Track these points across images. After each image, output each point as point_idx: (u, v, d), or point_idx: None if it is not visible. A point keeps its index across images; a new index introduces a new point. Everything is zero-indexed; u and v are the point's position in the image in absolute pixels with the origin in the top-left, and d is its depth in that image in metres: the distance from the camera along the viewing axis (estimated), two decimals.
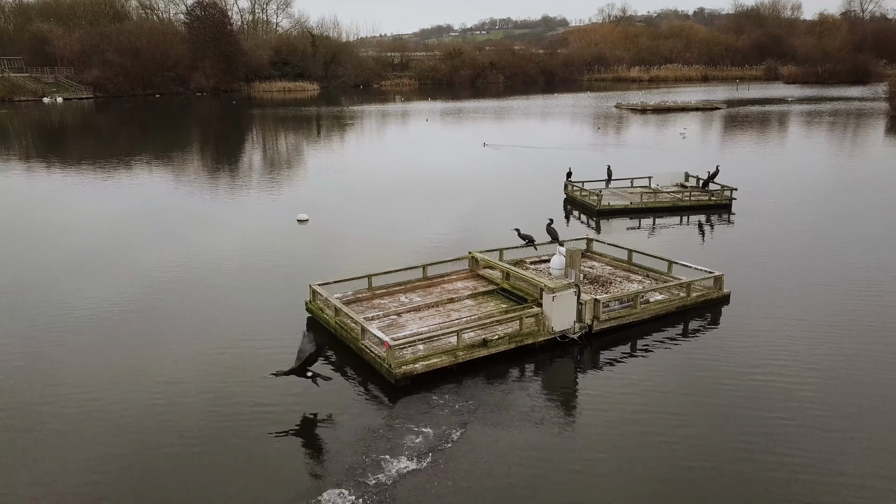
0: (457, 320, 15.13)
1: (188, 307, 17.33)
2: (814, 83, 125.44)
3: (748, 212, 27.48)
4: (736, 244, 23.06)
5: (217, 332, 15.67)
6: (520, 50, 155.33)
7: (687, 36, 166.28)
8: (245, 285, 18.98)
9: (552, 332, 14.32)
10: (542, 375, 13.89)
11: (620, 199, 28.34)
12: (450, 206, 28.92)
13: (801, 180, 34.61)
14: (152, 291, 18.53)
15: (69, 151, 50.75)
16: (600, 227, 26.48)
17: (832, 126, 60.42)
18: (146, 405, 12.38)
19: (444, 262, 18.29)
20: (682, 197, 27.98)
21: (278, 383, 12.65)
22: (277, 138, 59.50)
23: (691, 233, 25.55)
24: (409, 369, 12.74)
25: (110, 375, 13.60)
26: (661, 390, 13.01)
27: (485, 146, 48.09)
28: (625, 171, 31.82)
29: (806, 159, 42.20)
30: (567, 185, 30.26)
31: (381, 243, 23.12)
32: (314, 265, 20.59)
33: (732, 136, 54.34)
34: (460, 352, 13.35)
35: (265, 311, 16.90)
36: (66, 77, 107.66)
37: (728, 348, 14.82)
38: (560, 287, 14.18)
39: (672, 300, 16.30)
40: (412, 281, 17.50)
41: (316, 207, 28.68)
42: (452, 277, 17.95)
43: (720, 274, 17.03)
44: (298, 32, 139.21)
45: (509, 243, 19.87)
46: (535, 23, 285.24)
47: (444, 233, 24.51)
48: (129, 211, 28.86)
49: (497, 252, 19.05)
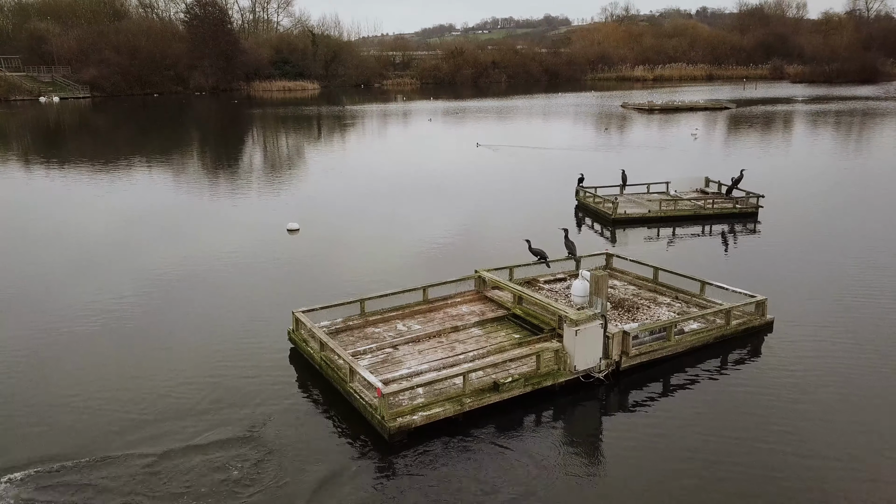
0: (462, 355, 13.03)
1: (156, 336, 15.23)
2: (821, 82, 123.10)
3: (776, 220, 25.37)
4: (768, 258, 20.90)
5: (187, 367, 13.58)
6: (522, 49, 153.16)
7: (691, 35, 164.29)
8: (224, 307, 16.89)
9: (574, 372, 12.23)
10: (564, 423, 11.82)
11: (638, 206, 26.21)
12: (453, 213, 26.81)
13: (828, 184, 32.48)
14: (118, 312, 16.44)
15: (61, 152, 48.55)
16: (616, 237, 24.39)
17: (852, 126, 58.22)
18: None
19: (446, 282, 16.12)
20: (703, 204, 25.81)
21: (239, 437, 10.68)
22: (275, 139, 57.42)
23: (716, 245, 23.42)
24: (405, 422, 10.65)
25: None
26: (700, 436, 11.10)
27: (478, 146, 46.16)
28: (638, 175, 29.63)
29: (830, 162, 40.03)
30: (579, 190, 28.13)
31: (377, 258, 21.02)
32: (301, 284, 18.52)
33: (746, 137, 52.13)
34: (467, 398, 11.26)
35: (243, 341, 14.81)
36: (63, 76, 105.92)
37: (774, 385, 12.79)
38: (584, 318, 12.09)
39: (710, 329, 14.20)
40: (411, 305, 15.39)
41: (309, 215, 26.66)
42: (457, 300, 15.85)
43: (763, 298, 14.91)
44: (299, 31, 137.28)
45: (519, 258, 17.78)
46: (537, 22, 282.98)
47: (446, 244, 22.45)
48: (113, 218, 26.77)
49: (506, 270, 16.96)
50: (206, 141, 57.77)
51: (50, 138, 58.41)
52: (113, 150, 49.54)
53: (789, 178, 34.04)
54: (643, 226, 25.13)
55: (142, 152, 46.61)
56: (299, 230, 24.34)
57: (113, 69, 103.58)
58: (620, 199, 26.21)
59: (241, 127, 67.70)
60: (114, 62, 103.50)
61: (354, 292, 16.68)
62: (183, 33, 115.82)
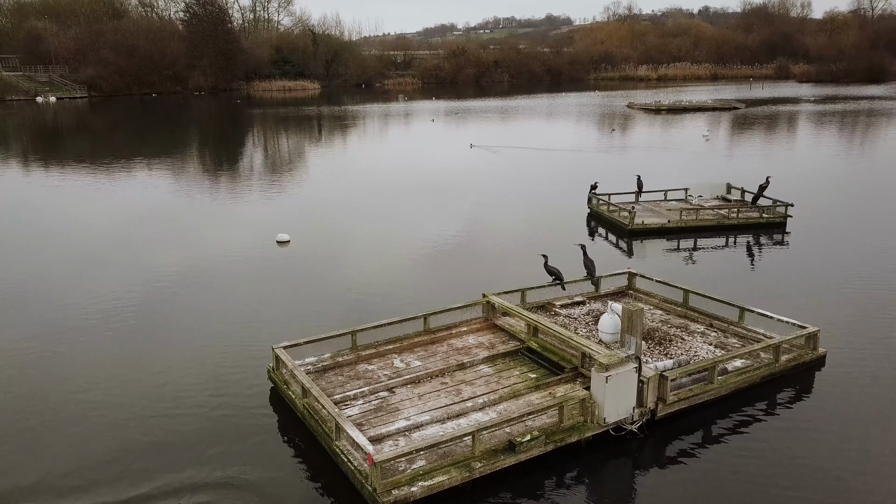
0: (470, 401, 11.11)
1: (129, 362, 13.31)
2: (828, 82, 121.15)
3: (807, 231, 23.42)
4: (805, 276, 18.92)
5: (153, 402, 11.69)
6: (525, 48, 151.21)
7: (695, 34, 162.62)
8: (202, 333, 15.00)
9: (604, 424, 10.31)
10: (591, 485, 9.94)
11: (656, 216, 24.25)
12: (456, 224, 24.85)
13: (859, 191, 30.46)
14: (84, 338, 14.52)
15: (52, 154, 46.62)
16: (632, 249, 22.47)
17: (872, 127, 56.16)
18: None
19: (451, 309, 14.09)
20: (727, 214, 23.82)
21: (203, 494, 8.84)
22: (272, 142, 55.47)
23: (744, 260, 21.41)
24: (402, 495, 8.74)
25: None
26: (749, 493, 9.43)
27: (472, 147, 44.54)
28: (652, 180, 27.59)
29: (856, 166, 38.04)
30: (591, 198, 26.18)
31: (373, 275, 19.07)
32: (288, 307, 16.59)
33: (760, 139, 50.12)
34: (477, 462, 9.34)
35: (221, 374, 12.91)
36: (60, 76, 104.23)
37: (831, 431, 10.99)
38: (616, 362, 10.17)
39: (757, 368, 12.26)
40: (410, 335, 13.44)
41: (301, 224, 24.83)
42: (462, 329, 13.91)
43: (815, 330, 12.97)
44: (300, 31, 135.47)
45: (531, 277, 15.87)
46: (538, 21, 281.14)
47: (449, 259, 20.54)
48: (96, 227, 24.88)
49: (518, 293, 15.00)
50: (202, 143, 55.85)
51: (39, 141, 56.46)
52: (106, 151, 47.50)
53: (816, 184, 31.89)
54: (662, 237, 23.17)
55: (134, 155, 44.65)
56: (290, 242, 22.42)
57: (110, 69, 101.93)
58: (637, 208, 24.22)
59: (238, 128, 65.90)
60: (111, 62, 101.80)
61: (346, 317, 14.88)
62: (182, 32, 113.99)
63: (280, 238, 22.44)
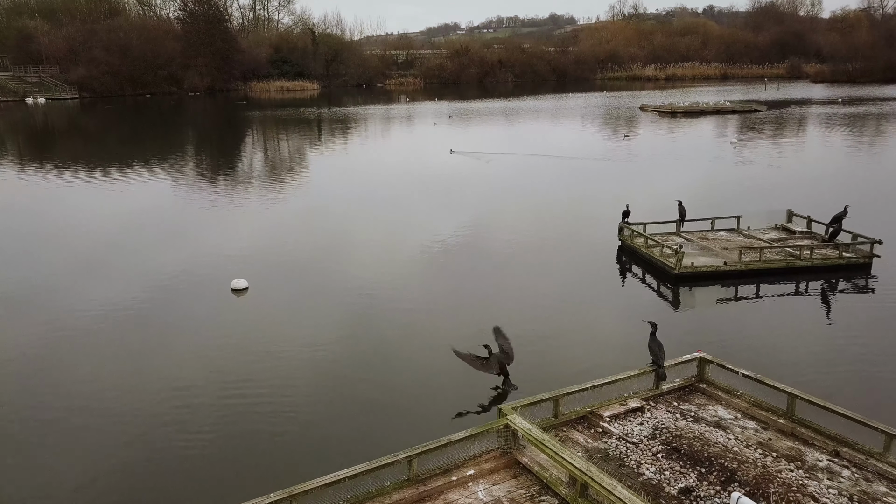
0: None
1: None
2: (843, 82, 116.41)
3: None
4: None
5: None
6: (529, 48, 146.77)
7: (703, 33, 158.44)
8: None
9: None
10: None
11: (708, 254, 19.63)
12: (454, 275, 19.82)
13: None
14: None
15: (44, 156, 41.94)
16: (679, 299, 17.84)
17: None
18: None
19: (450, 442, 9.24)
20: (799, 253, 18.96)
21: None
22: (259, 152, 50.87)
23: (835, 321, 16.68)
24: None
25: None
26: None
27: (452, 153, 41.38)
28: (679, 194, 23.17)
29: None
30: (623, 228, 21.46)
31: (342, 355, 14.26)
32: (218, 413, 11.88)
33: (798, 148, 45.28)
34: None
35: None
36: (51, 76, 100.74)
37: None
38: None
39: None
40: (387, 490, 8.65)
41: (268, 262, 20.16)
42: (467, 473, 9.14)
43: None
44: (300, 30, 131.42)
45: (560, 356, 11.31)
46: (542, 21, 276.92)
47: (447, 333, 15.10)
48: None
49: (550, 402, 10.24)
50: (183, 151, 51.37)
51: (31, 144, 51.78)
52: (95, 155, 42.64)
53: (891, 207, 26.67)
54: (716, 283, 18.49)
55: (105, 167, 39.91)
56: (248, 289, 17.74)
57: (102, 69, 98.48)
58: (684, 245, 19.41)
59: (232, 133, 61.46)
60: (104, 61, 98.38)
61: (293, 436, 10.24)
62: (178, 31, 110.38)
63: (236, 285, 17.91)
